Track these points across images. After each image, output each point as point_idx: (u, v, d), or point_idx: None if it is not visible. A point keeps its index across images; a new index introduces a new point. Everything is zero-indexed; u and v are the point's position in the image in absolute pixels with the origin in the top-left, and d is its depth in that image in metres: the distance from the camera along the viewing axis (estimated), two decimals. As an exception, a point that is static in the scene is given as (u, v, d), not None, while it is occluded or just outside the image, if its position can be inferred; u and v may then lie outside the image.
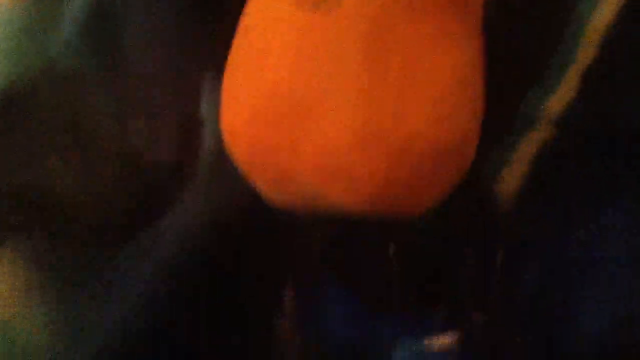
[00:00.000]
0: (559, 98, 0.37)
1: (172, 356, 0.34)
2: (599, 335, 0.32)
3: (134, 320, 0.35)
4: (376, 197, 0.31)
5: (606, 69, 0.35)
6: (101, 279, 0.35)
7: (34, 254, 0.36)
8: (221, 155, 0.39)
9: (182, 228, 0.37)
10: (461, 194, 0.33)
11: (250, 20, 0.33)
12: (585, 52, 0.36)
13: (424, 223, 0.32)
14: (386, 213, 0.32)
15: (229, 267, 0.36)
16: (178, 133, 0.41)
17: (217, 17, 0.44)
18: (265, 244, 0.37)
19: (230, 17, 0.43)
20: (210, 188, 0.39)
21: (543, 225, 0.34)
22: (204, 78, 0.43)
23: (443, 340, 0.31)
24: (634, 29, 0.35)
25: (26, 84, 0.41)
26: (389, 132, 0.29)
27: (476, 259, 0.32)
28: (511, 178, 0.36)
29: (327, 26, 0.30)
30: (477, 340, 0.31)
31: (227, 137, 0.34)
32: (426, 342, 0.32)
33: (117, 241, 0.36)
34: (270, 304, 0.35)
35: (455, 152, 0.31)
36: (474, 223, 0.34)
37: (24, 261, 0.35)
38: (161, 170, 0.40)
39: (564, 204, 0.35)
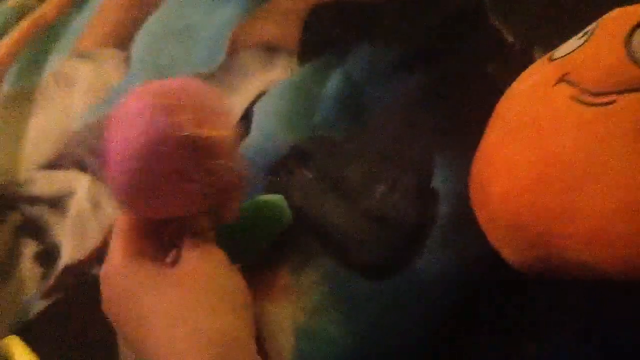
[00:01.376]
0: None
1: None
2: None
3: (410, 337, 0.42)
4: (630, 260, 0.38)
5: None
6: (379, 301, 0.43)
7: (325, 276, 0.44)
8: (456, 219, 0.48)
9: (431, 271, 0.45)
10: None
11: (523, 105, 0.42)
12: None
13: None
14: (632, 278, 0.38)
15: (474, 310, 0.43)
16: (416, 200, 0.50)
17: (446, 102, 0.54)
18: (504, 298, 0.43)
19: (458, 102, 0.53)
20: (446, 247, 0.47)
21: None
22: (436, 154, 0.51)
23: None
24: None
25: (302, 146, 0.51)
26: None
27: None
28: None
29: (601, 118, 0.38)
30: None
31: (493, 198, 0.42)
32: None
33: (380, 276, 0.44)
34: (512, 349, 0.41)
35: None
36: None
37: (320, 279, 0.44)
38: (403, 229, 0.48)
39: None
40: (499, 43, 0.58)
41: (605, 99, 0.38)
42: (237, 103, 0.56)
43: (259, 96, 0.57)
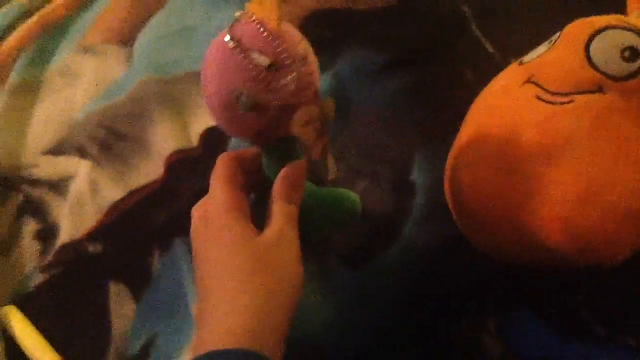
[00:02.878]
0: None
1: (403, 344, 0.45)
2: None
3: (382, 316, 0.46)
4: (590, 244, 0.42)
5: None
6: (356, 283, 0.47)
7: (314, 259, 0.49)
8: (430, 207, 0.52)
9: (405, 256, 0.49)
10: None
11: (492, 104, 0.47)
12: None
13: (613, 272, 0.43)
14: (594, 259, 0.43)
15: (442, 290, 0.47)
16: (394, 192, 0.54)
17: (427, 103, 0.59)
18: (469, 279, 0.47)
19: (438, 103, 0.57)
20: (421, 231, 0.51)
21: None
22: (416, 150, 0.56)
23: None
24: None
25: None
26: (604, 193, 0.41)
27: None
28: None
29: (561, 115, 0.43)
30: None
31: (463, 188, 0.46)
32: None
33: (359, 262, 0.49)
34: (476, 323, 0.46)
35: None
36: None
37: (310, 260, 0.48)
38: (384, 216, 0.52)
39: None
40: (479, 52, 0.63)
41: (565, 99, 0.43)
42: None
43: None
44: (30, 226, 0.57)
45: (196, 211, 0.40)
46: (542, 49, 0.47)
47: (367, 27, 0.67)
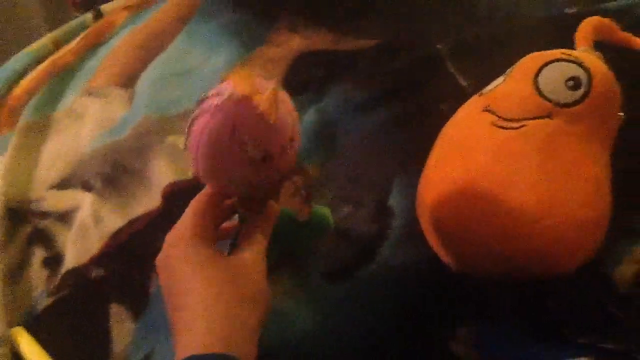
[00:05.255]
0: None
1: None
2: None
3: (359, 327, 0.51)
4: (547, 254, 0.47)
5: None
6: (335, 296, 0.53)
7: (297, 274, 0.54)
8: (406, 231, 0.58)
9: (382, 274, 0.54)
10: (593, 271, 0.50)
11: (454, 132, 0.53)
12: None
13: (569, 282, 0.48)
14: (548, 269, 0.48)
15: (417, 304, 0.52)
16: (374, 216, 0.60)
17: (406, 134, 0.65)
18: (442, 293, 0.53)
19: (415, 134, 0.63)
20: (397, 253, 0.56)
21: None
22: (396, 177, 0.62)
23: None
24: None
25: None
26: (556, 207, 0.46)
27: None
28: (626, 272, 0.52)
29: (514, 139, 0.49)
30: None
31: (430, 209, 0.52)
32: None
33: (339, 278, 0.54)
34: (447, 332, 0.51)
35: (595, 227, 0.47)
36: (601, 291, 0.50)
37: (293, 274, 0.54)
38: (364, 238, 0.58)
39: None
40: (454, 86, 0.70)
41: (517, 125, 0.49)
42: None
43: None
44: (38, 254, 0.64)
45: (167, 236, 0.45)
46: (499, 80, 0.53)
47: (351, 66, 0.74)
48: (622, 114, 0.52)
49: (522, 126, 0.49)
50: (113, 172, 0.68)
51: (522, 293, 0.49)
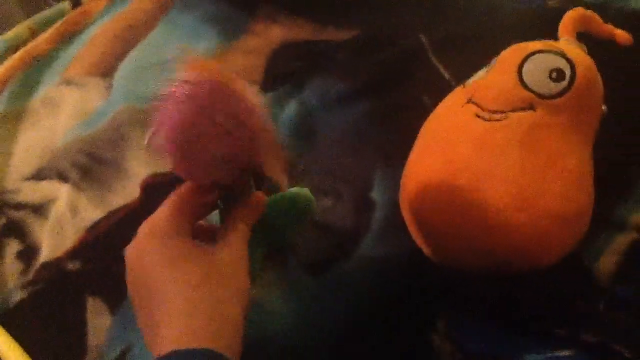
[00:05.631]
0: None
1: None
2: None
3: (341, 319, 0.51)
4: (524, 247, 0.47)
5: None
6: (317, 288, 0.52)
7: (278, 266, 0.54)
8: (388, 223, 0.57)
9: (362, 266, 0.54)
10: (574, 264, 0.50)
11: (437, 124, 0.53)
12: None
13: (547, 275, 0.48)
14: (528, 262, 0.48)
15: (397, 296, 0.52)
16: (355, 209, 0.59)
17: (385, 127, 0.65)
18: (422, 285, 0.53)
19: (397, 127, 0.63)
20: (378, 245, 0.56)
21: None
22: (377, 169, 0.62)
23: (562, 355, 0.46)
24: None
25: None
26: (534, 199, 0.46)
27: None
28: (607, 263, 0.52)
29: (496, 130, 0.49)
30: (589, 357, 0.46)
31: (412, 201, 0.51)
32: (549, 355, 0.46)
33: (320, 270, 0.54)
34: (427, 324, 0.51)
35: (576, 220, 0.47)
36: (581, 283, 0.50)
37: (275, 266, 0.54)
38: (344, 230, 0.57)
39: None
40: (436, 79, 0.69)
41: (499, 116, 0.49)
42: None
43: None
44: (12, 247, 0.62)
45: (141, 228, 0.42)
46: (482, 72, 0.53)
47: (332, 57, 0.73)
48: (604, 106, 0.52)
49: (505, 118, 0.48)
50: (90, 164, 0.67)
51: (502, 286, 0.49)
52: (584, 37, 0.57)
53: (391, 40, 0.72)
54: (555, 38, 0.56)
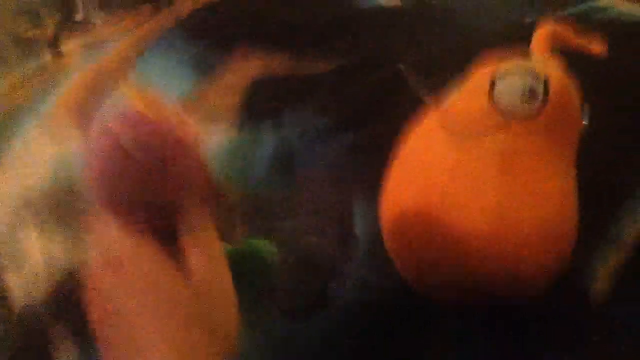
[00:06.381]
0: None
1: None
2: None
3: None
4: (507, 276, 0.45)
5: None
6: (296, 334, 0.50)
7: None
8: (370, 255, 0.55)
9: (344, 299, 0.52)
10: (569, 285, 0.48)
11: (411, 149, 0.51)
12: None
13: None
14: (511, 292, 0.46)
15: (381, 328, 0.50)
16: (339, 242, 0.58)
17: (367, 160, 0.63)
18: (406, 317, 0.50)
19: (380, 158, 0.61)
20: (361, 275, 0.54)
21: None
22: (356, 202, 0.60)
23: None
24: None
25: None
26: (515, 227, 0.44)
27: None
28: (603, 282, 0.50)
29: (472, 150, 0.47)
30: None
31: (389, 233, 0.49)
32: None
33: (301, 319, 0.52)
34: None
35: (561, 242, 0.45)
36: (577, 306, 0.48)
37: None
38: (327, 260, 0.56)
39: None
40: (417, 105, 0.68)
41: (473, 142, 0.47)
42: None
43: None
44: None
45: (96, 259, 0.38)
46: (454, 93, 0.51)
47: (310, 91, 0.72)
48: (585, 122, 0.50)
49: (478, 144, 0.46)
50: (64, 213, 0.66)
51: (491, 314, 0.47)
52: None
53: (369, 71, 0.71)
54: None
